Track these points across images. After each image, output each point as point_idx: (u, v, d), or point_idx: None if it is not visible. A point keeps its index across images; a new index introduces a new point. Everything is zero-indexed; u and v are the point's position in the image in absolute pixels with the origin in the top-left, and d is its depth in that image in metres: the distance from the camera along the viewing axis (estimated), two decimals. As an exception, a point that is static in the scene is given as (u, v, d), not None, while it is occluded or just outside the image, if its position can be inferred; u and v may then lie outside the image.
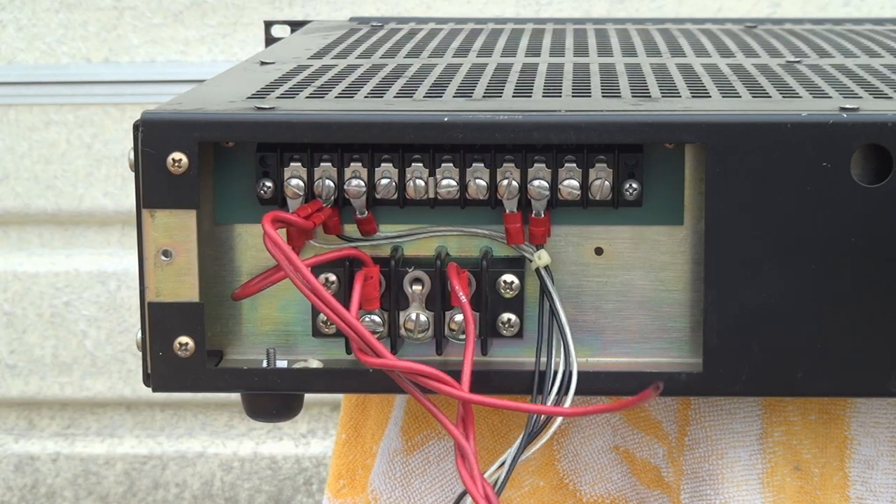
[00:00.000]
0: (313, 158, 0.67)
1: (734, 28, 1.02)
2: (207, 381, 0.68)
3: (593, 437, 0.79)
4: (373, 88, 0.73)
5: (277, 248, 0.63)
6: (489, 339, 0.68)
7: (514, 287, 0.67)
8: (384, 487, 0.80)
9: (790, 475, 0.77)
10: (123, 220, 1.67)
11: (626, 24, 1.05)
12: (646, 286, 0.69)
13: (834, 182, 0.65)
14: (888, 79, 0.76)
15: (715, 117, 0.65)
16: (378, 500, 0.80)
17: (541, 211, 0.67)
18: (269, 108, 0.67)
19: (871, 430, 0.77)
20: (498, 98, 0.71)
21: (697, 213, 0.68)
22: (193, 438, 1.71)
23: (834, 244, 0.65)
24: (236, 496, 1.73)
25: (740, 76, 0.77)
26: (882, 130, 0.65)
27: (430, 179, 0.67)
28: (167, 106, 0.67)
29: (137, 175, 0.66)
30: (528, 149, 0.66)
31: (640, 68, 0.80)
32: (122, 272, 1.68)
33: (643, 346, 0.69)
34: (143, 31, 1.63)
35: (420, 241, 0.69)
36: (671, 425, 0.79)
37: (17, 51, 1.64)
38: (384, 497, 0.80)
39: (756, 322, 0.66)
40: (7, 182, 1.66)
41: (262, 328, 0.70)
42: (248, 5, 1.62)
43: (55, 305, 1.69)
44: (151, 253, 0.66)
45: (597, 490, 0.80)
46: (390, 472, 0.80)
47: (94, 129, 1.64)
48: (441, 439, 0.80)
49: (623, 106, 0.68)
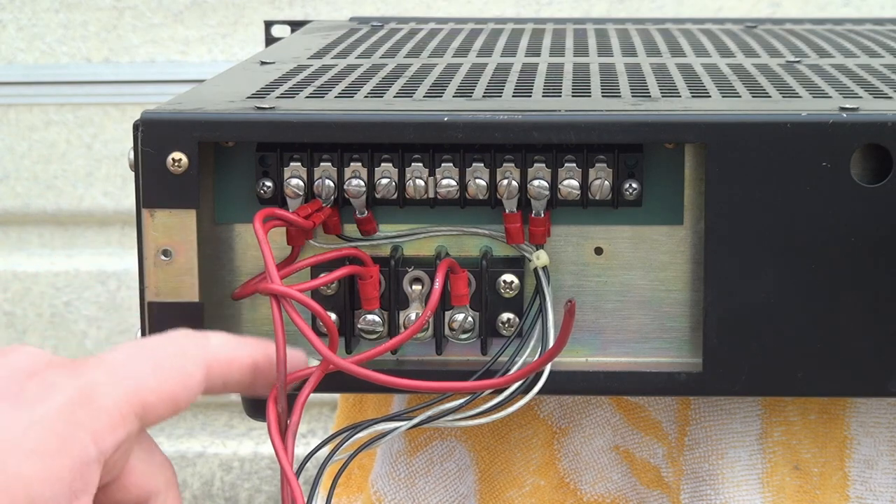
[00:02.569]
0: (313, 158, 0.67)
1: (734, 28, 1.02)
2: (207, 380, 0.68)
3: (593, 436, 0.79)
4: (373, 88, 0.73)
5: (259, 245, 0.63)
6: (489, 338, 0.68)
7: (513, 287, 0.67)
8: (388, 489, 0.80)
9: (790, 475, 0.77)
10: (123, 220, 1.67)
11: (626, 24, 1.05)
12: (645, 286, 0.69)
13: (834, 182, 0.65)
14: (888, 79, 0.76)
15: (715, 117, 0.65)
16: (382, 501, 0.80)
17: (540, 211, 0.67)
18: (269, 107, 0.67)
19: (870, 430, 0.77)
20: (498, 98, 0.71)
21: (697, 213, 0.68)
22: (193, 438, 1.71)
23: (834, 244, 0.65)
24: (236, 496, 1.73)
25: (740, 76, 0.77)
26: (882, 130, 0.65)
27: (429, 179, 0.67)
28: (167, 106, 0.67)
29: (137, 175, 0.66)
30: (528, 149, 0.66)
31: (640, 68, 0.80)
32: (122, 272, 1.68)
33: (643, 346, 0.69)
34: (143, 31, 1.63)
35: (420, 241, 0.69)
36: (671, 425, 0.79)
37: (17, 51, 1.64)
38: (388, 498, 0.80)
39: (756, 322, 0.66)
40: (7, 182, 1.66)
41: (262, 328, 0.70)
42: (248, 5, 1.62)
43: (55, 305, 1.69)
44: (151, 253, 0.66)
45: (597, 489, 0.80)
46: (394, 473, 0.80)
47: (94, 129, 1.64)
48: (444, 440, 0.80)
49: (623, 106, 0.68)
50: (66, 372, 0.55)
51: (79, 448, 0.53)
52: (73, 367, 0.55)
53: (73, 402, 0.54)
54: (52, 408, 0.53)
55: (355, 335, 0.68)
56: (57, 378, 0.54)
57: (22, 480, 0.52)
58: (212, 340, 0.59)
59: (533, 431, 0.80)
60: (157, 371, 0.57)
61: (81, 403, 0.54)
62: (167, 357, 0.57)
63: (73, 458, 0.53)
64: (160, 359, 0.57)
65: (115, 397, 0.55)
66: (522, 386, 0.66)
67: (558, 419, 0.80)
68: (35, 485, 0.52)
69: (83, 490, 0.53)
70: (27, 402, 0.53)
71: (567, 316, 0.58)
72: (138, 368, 0.56)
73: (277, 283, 0.61)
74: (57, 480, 0.53)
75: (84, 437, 0.54)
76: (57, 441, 0.53)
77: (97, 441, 0.54)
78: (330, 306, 0.67)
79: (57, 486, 0.53)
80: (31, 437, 0.53)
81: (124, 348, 0.57)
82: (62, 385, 0.54)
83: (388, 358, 0.69)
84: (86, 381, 0.55)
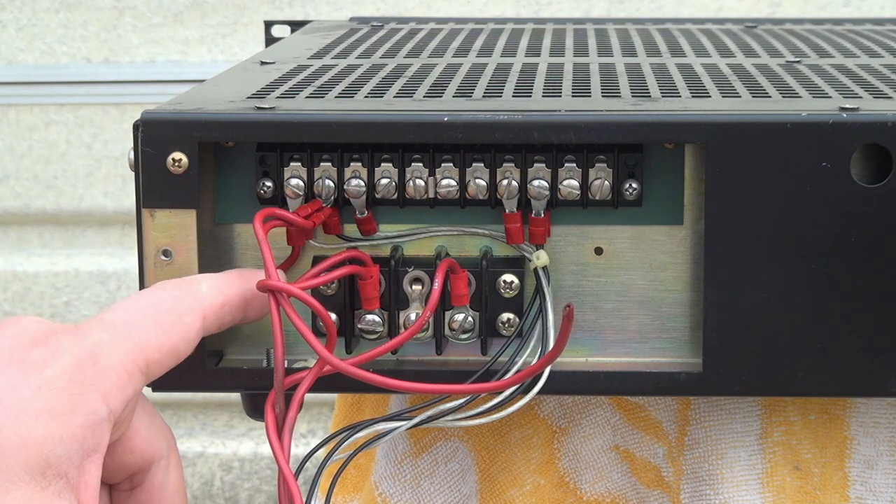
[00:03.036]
0: (313, 158, 0.67)
1: (734, 28, 1.02)
2: (207, 381, 0.68)
3: (593, 436, 0.79)
4: (373, 88, 0.73)
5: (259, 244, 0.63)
6: (489, 338, 0.68)
7: (513, 287, 0.67)
8: (394, 490, 0.80)
9: (790, 475, 0.77)
10: (123, 220, 1.67)
11: (626, 24, 1.05)
12: (645, 286, 0.69)
13: (834, 182, 0.65)
14: (888, 79, 0.76)
15: (715, 117, 0.65)
16: (389, 502, 0.80)
17: (541, 211, 0.67)
18: (269, 108, 0.67)
19: (871, 430, 0.77)
20: (498, 98, 0.71)
21: (697, 213, 0.68)
22: (193, 438, 1.71)
23: (834, 244, 0.65)
24: (236, 496, 1.73)
25: (740, 76, 0.77)
26: (882, 130, 0.65)
27: (429, 179, 0.67)
28: (167, 106, 0.67)
29: (137, 175, 0.66)
30: (528, 149, 0.66)
31: (640, 68, 0.80)
32: (122, 272, 1.68)
33: (643, 346, 0.69)
34: (143, 31, 1.63)
35: (420, 241, 0.69)
36: (671, 425, 0.79)
37: (17, 51, 1.64)
38: (395, 499, 0.80)
39: (756, 322, 0.66)
40: (7, 182, 1.66)
41: (262, 328, 0.70)
42: (248, 5, 1.62)
43: (55, 305, 1.69)
44: (151, 253, 0.66)
45: (597, 489, 0.80)
46: (400, 474, 0.80)
47: (94, 129, 1.64)
48: (447, 440, 0.80)
49: (623, 106, 0.68)
50: (70, 335, 0.56)
51: (90, 407, 0.55)
52: (76, 331, 0.57)
53: (80, 363, 0.55)
54: (61, 370, 0.55)
55: (355, 335, 0.68)
56: (62, 342, 0.56)
57: (36, 441, 0.53)
58: (202, 287, 0.61)
59: (533, 431, 0.80)
60: (158, 327, 0.58)
61: (88, 364, 0.55)
62: (166, 312, 0.59)
63: (84, 416, 0.54)
64: (159, 314, 0.59)
65: (121, 356, 0.57)
66: (522, 386, 0.66)
67: (558, 419, 0.80)
68: (49, 444, 0.53)
69: (95, 448, 0.55)
70: (35, 366, 0.55)
71: (565, 321, 0.58)
72: (140, 326, 0.58)
73: (276, 279, 0.61)
74: (70, 439, 0.54)
75: (94, 396, 0.55)
76: (68, 401, 0.54)
77: (107, 400, 0.55)
78: (330, 306, 0.67)
79: (70, 445, 0.54)
80: (41, 399, 0.54)
81: (123, 307, 0.59)
82: (68, 347, 0.56)
83: (388, 358, 0.68)
84: (91, 343, 0.56)
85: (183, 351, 0.59)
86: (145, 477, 0.60)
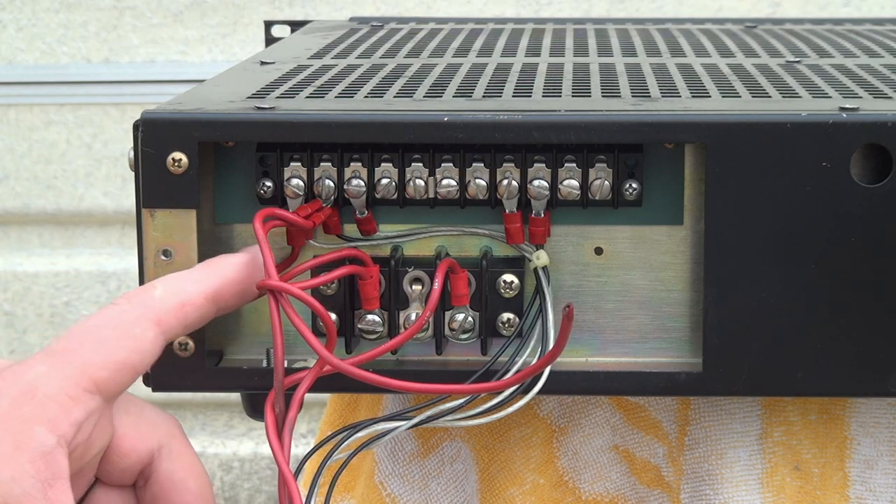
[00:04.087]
0: (313, 158, 0.67)
1: (734, 28, 1.02)
2: (207, 380, 0.68)
3: (593, 435, 0.79)
4: (373, 88, 0.73)
5: (258, 245, 0.63)
6: (489, 338, 0.68)
7: (513, 287, 0.67)
8: (402, 490, 0.80)
9: (790, 475, 0.77)
10: (123, 220, 1.67)
11: (626, 24, 1.05)
12: (645, 286, 0.69)
13: (834, 182, 0.65)
14: (888, 79, 0.76)
15: (715, 117, 0.65)
16: (397, 502, 0.80)
17: (541, 211, 0.67)
18: (269, 107, 0.67)
19: (871, 430, 0.77)
20: (498, 98, 0.71)
21: (697, 213, 0.68)
22: (193, 438, 1.71)
23: (834, 244, 0.65)
24: (236, 496, 1.73)
25: (740, 76, 0.77)
26: (882, 130, 0.65)
27: (430, 179, 0.67)
28: (167, 106, 0.67)
29: (137, 175, 0.66)
30: (528, 149, 0.66)
31: (640, 68, 0.80)
32: (122, 272, 1.68)
33: (643, 345, 0.69)
34: (143, 31, 1.63)
35: (420, 241, 0.69)
36: (671, 425, 0.79)
37: (17, 51, 1.64)
38: (403, 500, 0.80)
39: (756, 322, 0.66)
40: (7, 182, 1.66)
41: (262, 328, 0.70)
42: (248, 5, 1.62)
43: (55, 305, 1.69)
44: (151, 253, 0.66)
45: (596, 489, 0.80)
46: (408, 474, 0.80)
47: (94, 129, 1.65)
48: (452, 440, 0.81)
49: (623, 106, 0.68)
50: (9, 376, 0.57)
51: (36, 441, 0.55)
52: (16, 369, 0.57)
53: (16, 402, 0.56)
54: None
55: (355, 335, 0.68)
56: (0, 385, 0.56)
57: None
58: (156, 293, 0.61)
59: (532, 430, 0.80)
60: (101, 345, 0.58)
61: (25, 400, 0.56)
62: (111, 328, 0.59)
63: (31, 451, 0.55)
64: (103, 331, 0.59)
65: (60, 382, 0.57)
66: (522, 386, 0.66)
67: (558, 418, 0.80)
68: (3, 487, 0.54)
69: (55, 476, 0.55)
70: None
71: (565, 321, 0.58)
72: (82, 348, 0.58)
73: (275, 278, 0.61)
74: (23, 476, 0.54)
75: (37, 429, 0.55)
76: (10, 441, 0.55)
77: (53, 428, 0.56)
78: (330, 306, 0.67)
79: (25, 482, 0.54)
80: None
81: (68, 332, 0.59)
82: (5, 389, 0.56)
83: (388, 358, 0.68)
84: (29, 378, 0.56)
85: (139, 364, 0.59)
86: (152, 469, 0.61)
